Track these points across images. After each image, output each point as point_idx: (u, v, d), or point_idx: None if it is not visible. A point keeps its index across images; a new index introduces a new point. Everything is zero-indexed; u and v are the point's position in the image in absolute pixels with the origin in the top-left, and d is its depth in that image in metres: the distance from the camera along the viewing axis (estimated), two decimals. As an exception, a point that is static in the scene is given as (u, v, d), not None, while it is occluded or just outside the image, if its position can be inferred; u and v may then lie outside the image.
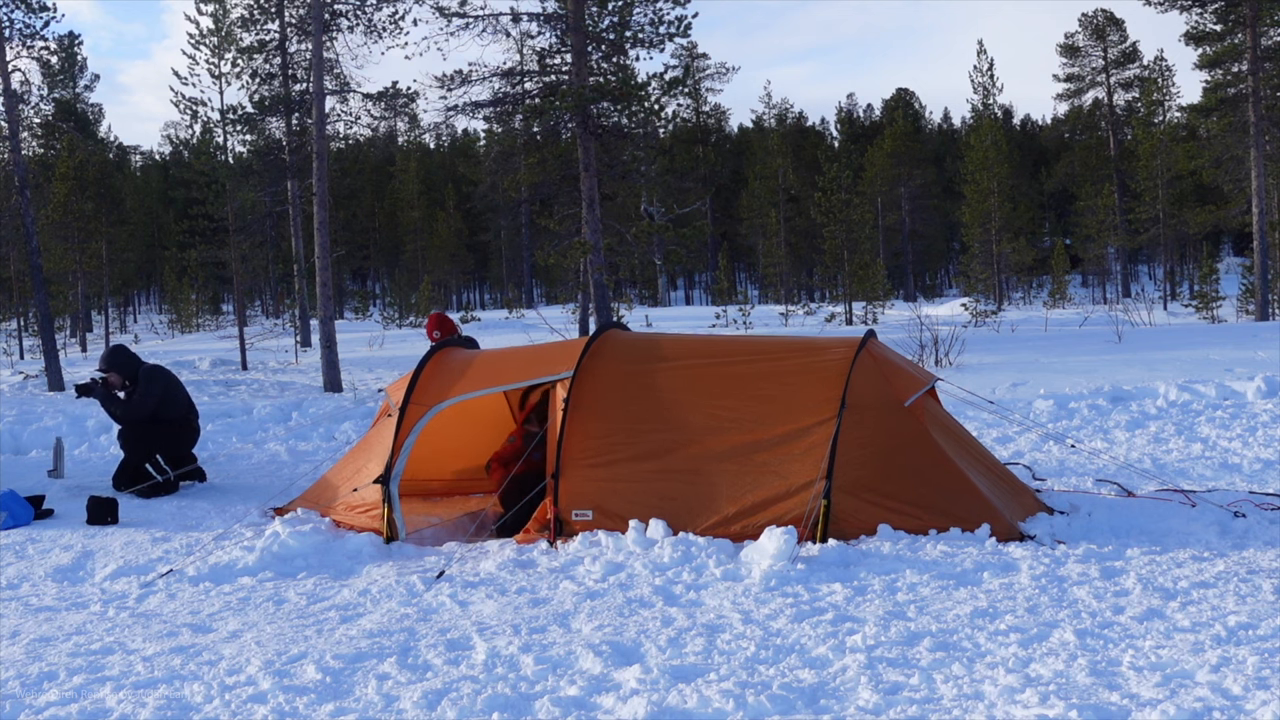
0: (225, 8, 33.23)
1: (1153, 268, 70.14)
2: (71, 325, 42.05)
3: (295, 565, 6.51)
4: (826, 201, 38.62)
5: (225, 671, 4.78)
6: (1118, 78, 58.89)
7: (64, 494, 8.98)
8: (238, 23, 30.85)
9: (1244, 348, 16.52)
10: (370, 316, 49.52)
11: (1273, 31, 34.05)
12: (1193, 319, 31.82)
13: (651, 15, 21.59)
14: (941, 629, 4.99)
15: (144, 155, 78.46)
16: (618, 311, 32.75)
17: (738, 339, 8.16)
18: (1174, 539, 6.36)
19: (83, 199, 36.05)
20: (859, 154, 64.07)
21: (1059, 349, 18.09)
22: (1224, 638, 4.73)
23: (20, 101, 20.95)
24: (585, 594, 5.73)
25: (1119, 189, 52.33)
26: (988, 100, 55.63)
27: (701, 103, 66.91)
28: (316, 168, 17.55)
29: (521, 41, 22.68)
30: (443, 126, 26.43)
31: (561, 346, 7.88)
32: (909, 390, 6.96)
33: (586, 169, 21.12)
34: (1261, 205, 32.86)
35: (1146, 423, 10.62)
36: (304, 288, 31.04)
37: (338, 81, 28.01)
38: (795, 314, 37.73)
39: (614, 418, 7.01)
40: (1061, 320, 31.12)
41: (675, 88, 22.16)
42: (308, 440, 11.57)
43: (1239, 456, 8.95)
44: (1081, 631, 4.87)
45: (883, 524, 6.42)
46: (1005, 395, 12.50)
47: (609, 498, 6.73)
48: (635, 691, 4.35)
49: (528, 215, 43.94)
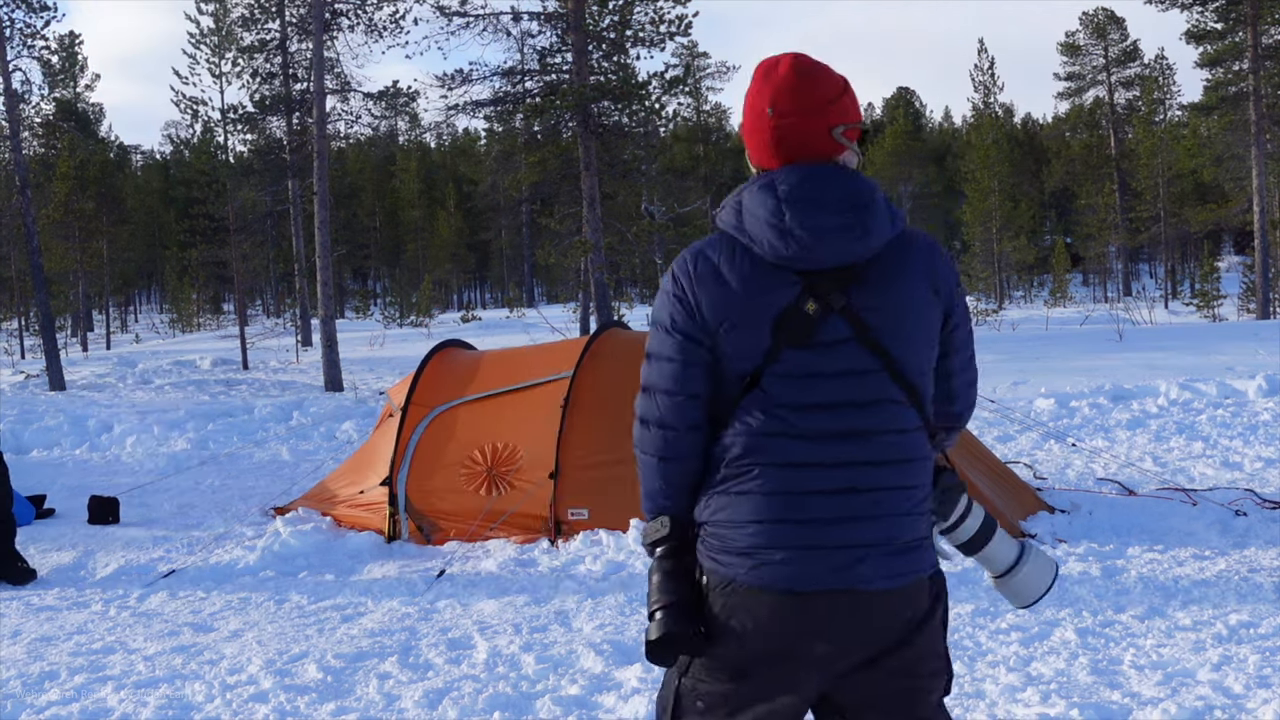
0: (226, 7, 33.26)
1: (1154, 266, 70.11)
2: (73, 325, 42.10)
3: (296, 564, 6.51)
4: (827, 200, 38.56)
5: (226, 671, 4.78)
6: (1118, 76, 58.86)
7: (65, 493, 8.98)
8: (238, 22, 30.90)
9: (1245, 346, 16.53)
10: (371, 316, 49.55)
11: (1273, 30, 34.05)
12: (1194, 317, 31.82)
13: (652, 14, 21.61)
14: (942, 628, 4.98)
15: (145, 155, 78.48)
16: (618, 310, 32.74)
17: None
18: (1175, 537, 6.36)
19: (84, 198, 36.09)
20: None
21: (1060, 348, 18.10)
22: (1225, 636, 4.73)
23: (21, 101, 20.97)
24: (586, 593, 5.73)
25: (1120, 187, 52.32)
26: (988, 99, 55.66)
27: (702, 102, 66.89)
28: (317, 167, 17.57)
29: (522, 40, 22.69)
30: (443, 126, 26.46)
31: (562, 346, 7.88)
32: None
33: (587, 168, 21.13)
34: (1262, 203, 32.86)
35: (1147, 421, 10.62)
36: (305, 287, 31.05)
37: (338, 81, 28.02)
38: (796, 313, 37.67)
39: (613, 417, 6.97)
40: (1062, 319, 31.14)
41: (676, 87, 22.18)
42: (309, 440, 11.58)
43: (1240, 455, 8.95)
44: (1082, 630, 4.87)
45: (884, 523, 6.40)
46: (1006, 394, 12.50)
47: (606, 497, 6.71)
48: (636, 690, 4.35)
49: (528, 214, 43.97)
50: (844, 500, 2.09)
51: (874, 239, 2.10)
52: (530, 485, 6.79)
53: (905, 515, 2.13)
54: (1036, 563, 2.23)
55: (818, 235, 2.07)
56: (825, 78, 2.19)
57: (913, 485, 2.15)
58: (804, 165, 2.15)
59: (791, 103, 2.16)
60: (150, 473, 9.99)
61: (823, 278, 2.10)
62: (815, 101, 2.16)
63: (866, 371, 2.12)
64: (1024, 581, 2.23)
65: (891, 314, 2.12)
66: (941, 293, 2.18)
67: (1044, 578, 2.23)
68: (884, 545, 2.10)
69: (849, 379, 2.11)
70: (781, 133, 2.16)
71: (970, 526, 2.23)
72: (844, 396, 2.11)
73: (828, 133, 2.16)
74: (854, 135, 2.20)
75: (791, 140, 2.15)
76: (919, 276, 2.15)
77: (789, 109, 2.16)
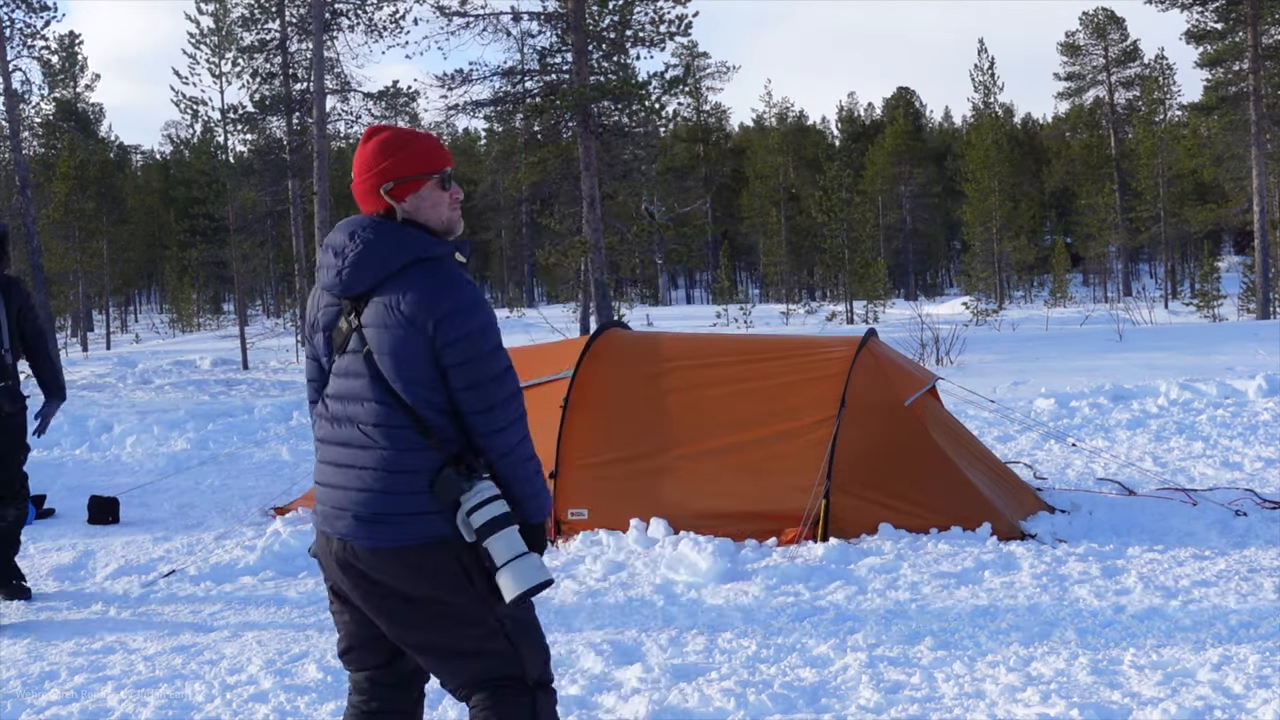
0: (226, 7, 33.23)
1: (1154, 266, 70.12)
2: (73, 325, 42.11)
3: (296, 564, 6.50)
4: (827, 200, 38.63)
5: (227, 670, 4.78)
6: (1118, 76, 58.88)
7: (65, 493, 8.98)
8: (238, 22, 30.85)
9: (1245, 346, 16.52)
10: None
11: (1273, 30, 34.05)
12: (1194, 317, 31.81)
13: (652, 14, 21.59)
14: (943, 628, 4.98)
15: (145, 155, 78.46)
16: (618, 311, 32.73)
17: (738, 338, 8.16)
18: (1175, 537, 6.36)
19: (84, 198, 36.10)
20: (860, 153, 64.11)
21: (1060, 348, 18.09)
22: (1225, 636, 4.73)
23: (21, 101, 20.97)
24: (586, 593, 5.73)
25: (1120, 187, 52.33)
26: (988, 99, 55.65)
27: (702, 102, 66.85)
28: (317, 167, 17.58)
29: (522, 40, 22.68)
30: (443, 126, 26.44)
31: (562, 346, 7.88)
32: (910, 389, 6.96)
33: (587, 168, 21.12)
34: (1262, 203, 32.86)
35: (1147, 421, 10.61)
36: (305, 287, 31.04)
37: (338, 81, 28.00)
38: (796, 313, 37.77)
39: (612, 416, 7.01)
40: (1062, 319, 31.13)
41: (676, 87, 22.16)
42: (309, 440, 11.56)
43: (1240, 455, 8.94)
44: (1083, 630, 4.87)
45: (883, 523, 6.41)
46: (1006, 394, 12.50)
47: (605, 497, 6.72)
48: (636, 690, 4.35)
49: (528, 214, 43.97)
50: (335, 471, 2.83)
51: (364, 275, 2.76)
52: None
53: (370, 491, 2.74)
54: (518, 570, 2.69)
55: (330, 271, 2.83)
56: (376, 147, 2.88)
57: (379, 469, 2.74)
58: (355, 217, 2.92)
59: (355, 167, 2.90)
60: (150, 473, 9.98)
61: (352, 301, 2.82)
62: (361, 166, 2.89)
63: (355, 376, 2.80)
64: (503, 579, 2.70)
65: (373, 335, 2.76)
66: (417, 323, 2.70)
67: (521, 583, 2.69)
68: (351, 510, 2.76)
69: (350, 381, 2.82)
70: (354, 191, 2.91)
71: (475, 521, 2.70)
72: (351, 393, 2.81)
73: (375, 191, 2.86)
74: (400, 192, 2.83)
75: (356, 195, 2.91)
76: (400, 309, 2.72)
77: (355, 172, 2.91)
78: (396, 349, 2.72)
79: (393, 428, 2.74)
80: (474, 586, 2.76)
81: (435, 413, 2.75)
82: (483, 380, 2.74)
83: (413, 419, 2.73)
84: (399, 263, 2.74)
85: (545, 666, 2.93)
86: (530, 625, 2.91)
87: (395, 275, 2.74)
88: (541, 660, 2.92)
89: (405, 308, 2.71)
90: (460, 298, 2.73)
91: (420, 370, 2.72)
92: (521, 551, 2.72)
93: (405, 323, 2.71)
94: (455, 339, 2.70)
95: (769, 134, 65.84)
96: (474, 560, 2.75)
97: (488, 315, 2.77)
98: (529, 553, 2.74)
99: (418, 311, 2.70)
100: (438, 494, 2.72)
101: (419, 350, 2.71)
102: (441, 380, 2.74)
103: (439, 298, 2.71)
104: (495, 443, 2.77)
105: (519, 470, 2.80)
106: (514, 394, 2.79)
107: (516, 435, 2.79)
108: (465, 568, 2.75)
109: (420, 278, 2.73)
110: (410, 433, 2.74)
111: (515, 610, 2.81)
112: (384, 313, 2.73)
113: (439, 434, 2.75)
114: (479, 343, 2.73)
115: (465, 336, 2.71)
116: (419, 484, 2.73)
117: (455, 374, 2.73)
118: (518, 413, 2.79)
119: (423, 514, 2.73)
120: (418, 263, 2.76)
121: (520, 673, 2.84)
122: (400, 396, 2.73)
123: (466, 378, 2.73)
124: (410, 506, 2.73)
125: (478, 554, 2.74)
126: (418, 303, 2.70)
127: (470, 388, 2.73)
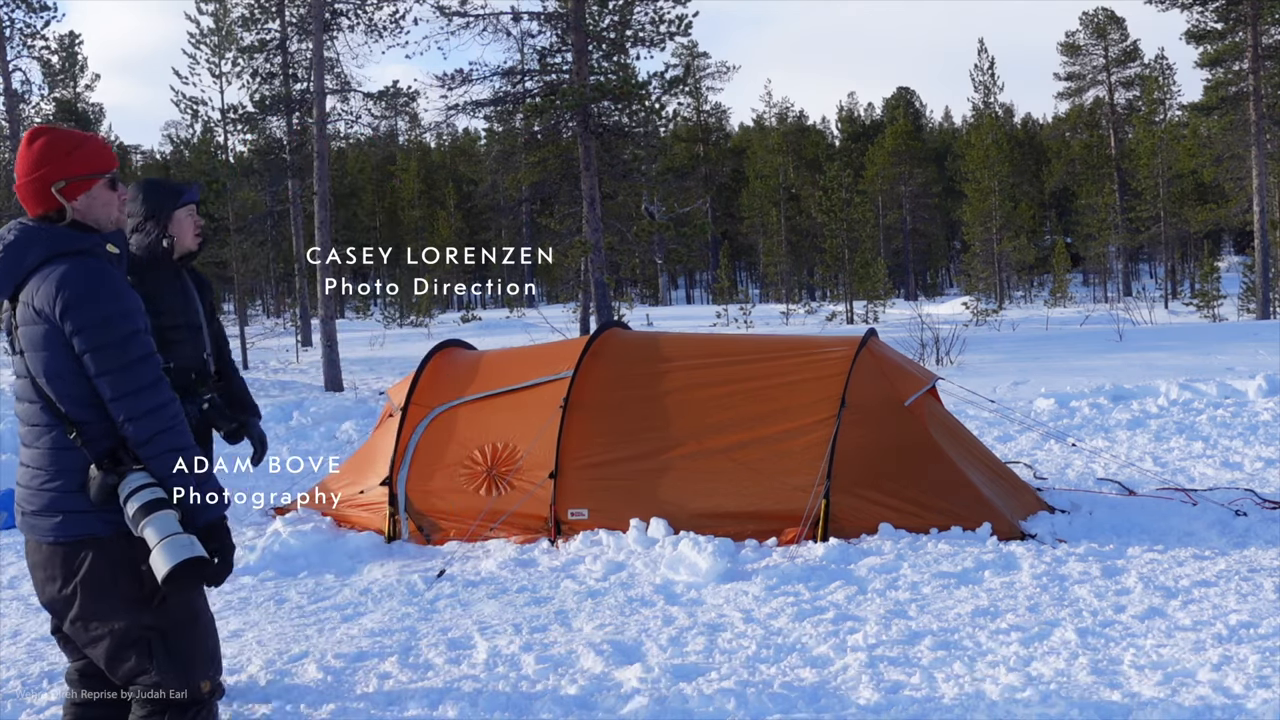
0: (226, 7, 33.22)
1: (1154, 266, 70.13)
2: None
3: (296, 564, 6.50)
4: (827, 200, 38.66)
5: (226, 670, 4.77)
6: (1118, 76, 58.91)
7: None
8: (238, 22, 30.87)
9: (1245, 346, 16.53)
10: (371, 316, 49.53)
11: (1273, 30, 34.06)
12: (1194, 317, 31.82)
13: (652, 14, 21.62)
14: (943, 628, 4.98)
15: (145, 155, 78.44)
16: (618, 310, 32.74)
17: (738, 338, 8.15)
18: (1175, 537, 6.36)
19: (83, 198, 36.02)
20: (860, 153, 64.12)
21: (1060, 348, 18.10)
22: (1225, 636, 4.73)
23: (21, 101, 20.96)
24: (586, 593, 5.73)
25: (1120, 188, 52.34)
26: (988, 99, 55.65)
27: (702, 102, 66.88)
28: (317, 167, 17.56)
29: (522, 40, 22.68)
30: (443, 126, 26.44)
31: (562, 346, 7.87)
32: (909, 389, 6.96)
33: (587, 168, 21.13)
34: (1262, 203, 32.87)
35: (1147, 421, 10.61)
36: (304, 287, 31.05)
37: (338, 81, 28.03)
38: (796, 313, 37.78)
39: (612, 417, 7.00)
40: (1062, 319, 31.14)
41: (676, 87, 22.19)
42: (309, 439, 11.57)
43: (1240, 455, 8.95)
44: (1083, 630, 4.87)
45: (884, 523, 6.41)
46: (1006, 394, 12.50)
47: (605, 497, 6.72)
48: (636, 690, 4.35)
49: (528, 215, 43.95)
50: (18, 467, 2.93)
51: (6, 277, 2.84)
52: (530, 485, 6.79)
53: (30, 488, 2.88)
54: (168, 547, 2.73)
55: None
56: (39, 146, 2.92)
57: (37, 467, 2.86)
58: None
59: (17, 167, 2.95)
60: (150, 473, 9.98)
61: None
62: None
63: (21, 376, 2.90)
64: (154, 560, 2.73)
65: (22, 335, 2.84)
66: (45, 315, 2.77)
67: (168, 559, 2.71)
68: (23, 506, 2.90)
69: (19, 381, 2.92)
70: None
71: (128, 510, 2.76)
72: (19, 394, 2.91)
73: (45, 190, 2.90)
74: (72, 191, 2.89)
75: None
76: (34, 305, 2.79)
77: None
78: (36, 344, 2.81)
79: (43, 426, 2.85)
80: (118, 588, 2.85)
81: (80, 406, 2.81)
82: (111, 368, 2.78)
83: (59, 417, 2.83)
84: (34, 260, 2.82)
85: (203, 679, 2.98)
86: (188, 634, 2.96)
87: (33, 273, 2.83)
88: (200, 674, 2.97)
89: (37, 302, 2.79)
90: (87, 286, 2.77)
91: (60, 363, 2.79)
92: (173, 532, 2.75)
93: (38, 317, 2.80)
94: (81, 327, 2.76)
95: (769, 134, 65.89)
96: (128, 562, 2.83)
97: (120, 304, 2.80)
98: (181, 533, 2.77)
99: (44, 303, 2.78)
100: (91, 493, 2.80)
101: (55, 343, 2.78)
102: (82, 372, 2.79)
103: (63, 288, 2.77)
104: (130, 431, 2.81)
105: (162, 463, 2.82)
106: (148, 385, 2.81)
107: (154, 425, 2.80)
108: (114, 567, 2.85)
109: (51, 271, 2.81)
110: (59, 432, 2.84)
111: (173, 615, 2.89)
112: (24, 311, 2.84)
113: (86, 430, 2.81)
114: (107, 331, 2.77)
115: (91, 325, 2.76)
116: (71, 483, 2.83)
117: (87, 362, 2.78)
118: (153, 402, 2.81)
119: (77, 512, 2.83)
120: (56, 258, 2.82)
121: (175, 684, 2.92)
122: (48, 394, 2.82)
123: (95, 366, 2.78)
124: (65, 505, 2.83)
125: (134, 556, 2.81)
126: (45, 295, 2.78)
127: (101, 375, 2.78)
